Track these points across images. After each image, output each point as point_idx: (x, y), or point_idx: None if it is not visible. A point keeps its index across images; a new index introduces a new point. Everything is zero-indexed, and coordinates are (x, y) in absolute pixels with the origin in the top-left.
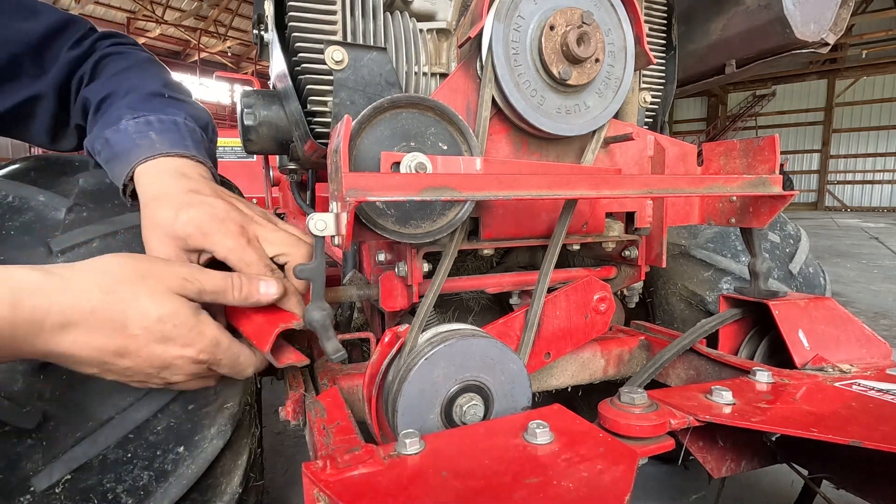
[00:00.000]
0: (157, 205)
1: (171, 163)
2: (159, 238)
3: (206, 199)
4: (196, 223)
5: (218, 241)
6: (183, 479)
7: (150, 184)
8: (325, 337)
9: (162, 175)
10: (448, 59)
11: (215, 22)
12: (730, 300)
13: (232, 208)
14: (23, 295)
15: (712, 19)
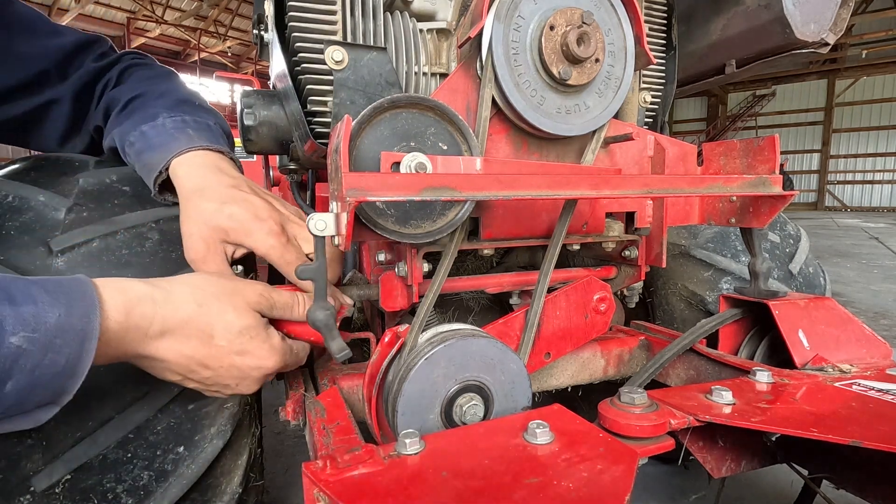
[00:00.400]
0: (201, 197)
1: (209, 157)
2: (200, 228)
3: (247, 197)
4: (239, 219)
5: (260, 238)
6: (183, 479)
7: (189, 175)
8: (329, 336)
9: (201, 168)
10: (448, 59)
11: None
12: (730, 300)
13: (271, 207)
14: (134, 303)
15: (712, 19)
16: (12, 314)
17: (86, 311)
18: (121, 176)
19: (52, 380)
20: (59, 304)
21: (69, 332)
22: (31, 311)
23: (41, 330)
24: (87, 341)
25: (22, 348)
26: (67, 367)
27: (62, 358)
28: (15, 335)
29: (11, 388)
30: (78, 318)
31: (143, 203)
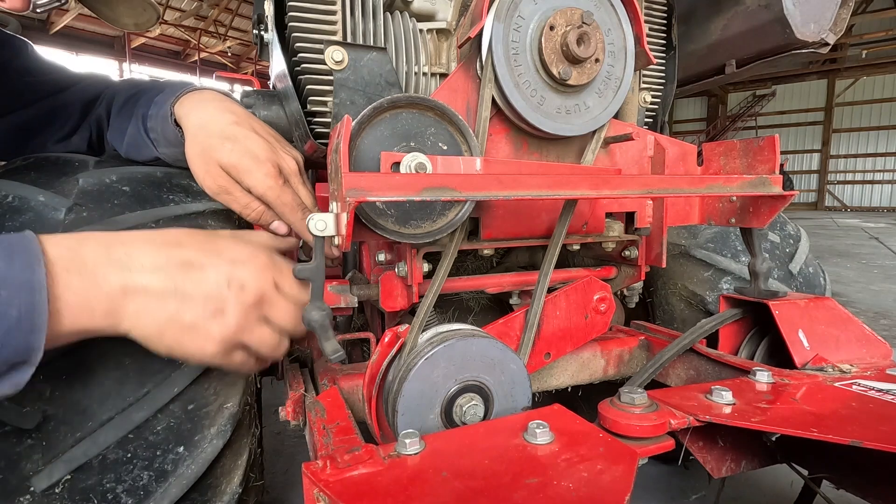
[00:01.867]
0: (204, 132)
1: (212, 93)
2: (207, 164)
3: (248, 134)
4: (238, 157)
5: (258, 179)
6: (183, 479)
7: (194, 109)
8: (323, 337)
9: (203, 101)
10: (448, 59)
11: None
12: (730, 300)
13: (270, 147)
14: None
15: (712, 19)
16: None
17: (28, 262)
18: (121, 176)
19: (9, 335)
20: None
21: (13, 285)
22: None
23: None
24: (36, 293)
25: None
26: (23, 320)
27: (13, 310)
28: None
29: None
30: (20, 270)
31: (143, 203)
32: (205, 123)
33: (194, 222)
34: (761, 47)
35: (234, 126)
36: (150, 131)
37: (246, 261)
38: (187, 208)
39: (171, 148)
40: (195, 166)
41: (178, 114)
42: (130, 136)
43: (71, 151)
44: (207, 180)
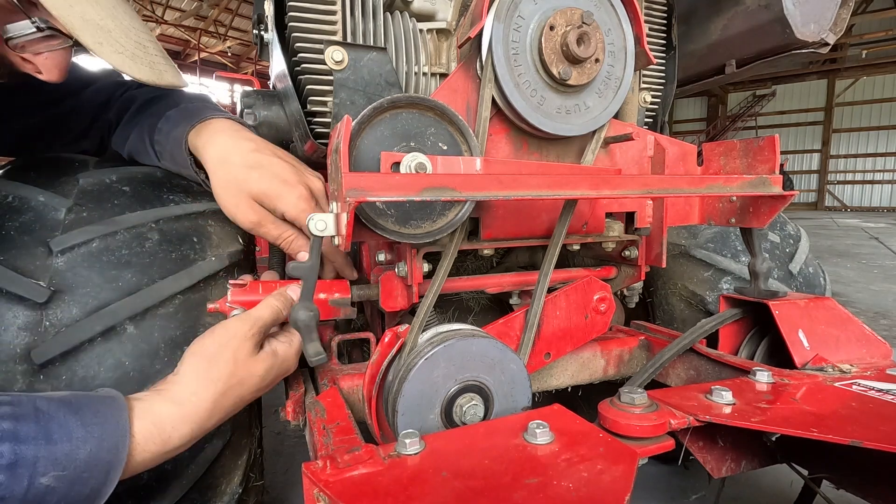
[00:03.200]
0: (227, 164)
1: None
2: (236, 196)
3: (271, 160)
4: (268, 184)
5: (291, 202)
6: (183, 480)
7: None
8: (307, 338)
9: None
10: (448, 59)
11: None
12: (730, 300)
13: (296, 170)
14: (169, 433)
15: (712, 19)
16: (46, 455)
17: (115, 443)
18: (121, 176)
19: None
20: (91, 437)
21: (97, 466)
22: (64, 450)
23: (71, 468)
24: (113, 471)
25: (51, 486)
26: (91, 494)
27: (87, 489)
28: (45, 475)
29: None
30: (107, 451)
31: (143, 203)
32: (226, 156)
33: (195, 222)
34: (761, 47)
35: (255, 153)
36: (156, 144)
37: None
38: (187, 208)
39: (175, 165)
40: (224, 200)
41: (194, 144)
42: (133, 143)
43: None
44: (239, 215)
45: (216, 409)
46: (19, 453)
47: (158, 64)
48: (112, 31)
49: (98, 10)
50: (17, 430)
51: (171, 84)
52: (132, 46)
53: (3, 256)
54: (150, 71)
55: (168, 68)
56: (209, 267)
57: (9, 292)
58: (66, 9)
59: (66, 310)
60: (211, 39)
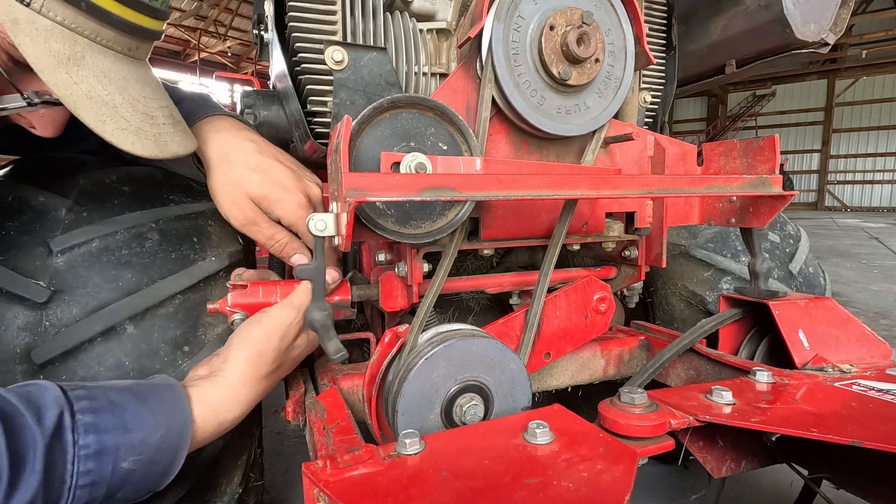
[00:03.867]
0: (228, 162)
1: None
2: (234, 195)
3: (273, 164)
4: (267, 188)
5: (289, 209)
6: (183, 480)
7: (214, 139)
8: (326, 337)
9: (223, 131)
10: (448, 59)
11: (215, 22)
12: (730, 300)
13: (296, 176)
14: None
15: (712, 19)
16: (125, 443)
17: (181, 428)
18: (121, 176)
19: (153, 483)
20: (160, 425)
21: (167, 450)
22: (140, 437)
23: (146, 452)
24: (180, 452)
25: (131, 469)
26: (164, 472)
27: (160, 468)
28: (126, 461)
29: (121, 496)
30: (175, 435)
31: (143, 203)
32: (227, 154)
33: (195, 222)
34: (761, 47)
35: (258, 155)
36: None
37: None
38: (188, 208)
39: (175, 163)
40: (221, 197)
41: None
42: None
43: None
44: (234, 211)
45: (262, 391)
46: (102, 443)
47: (165, 134)
48: (118, 107)
49: (106, 86)
50: (97, 423)
51: (175, 154)
52: (138, 120)
53: (3, 256)
54: (153, 145)
55: (175, 135)
56: (209, 267)
57: (9, 292)
58: (70, 87)
59: (66, 310)
60: (211, 39)
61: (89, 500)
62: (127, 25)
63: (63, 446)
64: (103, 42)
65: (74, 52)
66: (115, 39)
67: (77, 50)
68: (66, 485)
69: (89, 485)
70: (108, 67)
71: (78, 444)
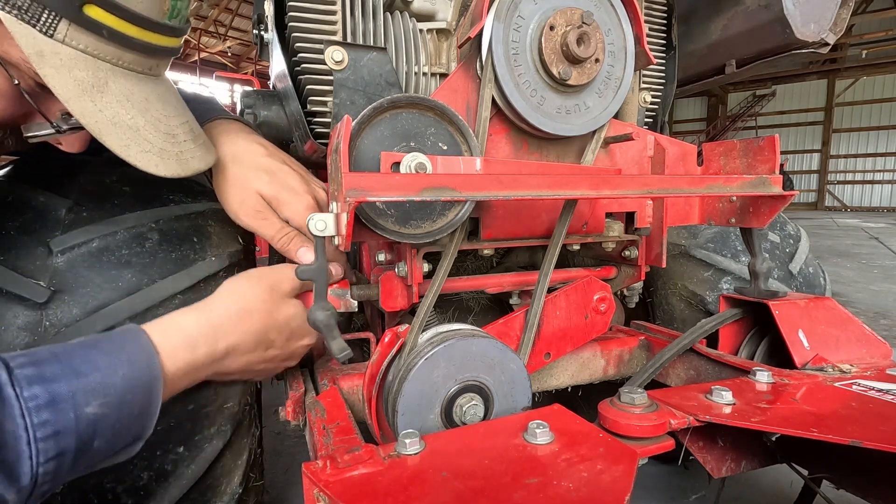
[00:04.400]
0: (237, 163)
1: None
2: (243, 193)
3: (281, 167)
4: (276, 190)
5: (297, 211)
6: (183, 480)
7: (223, 141)
8: (329, 336)
9: (231, 133)
10: (448, 59)
11: (215, 22)
12: (730, 300)
13: (303, 179)
14: (198, 344)
15: (712, 19)
16: (80, 387)
17: (147, 361)
18: (121, 176)
19: (131, 426)
20: (120, 363)
21: (137, 387)
22: (97, 380)
23: (112, 393)
24: (154, 386)
25: (99, 414)
26: (141, 413)
27: (135, 408)
28: (89, 405)
29: (98, 445)
30: (141, 371)
31: (143, 203)
32: (237, 156)
33: (195, 222)
34: (761, 47)
35: (267, 158)
36: None
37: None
38: (187, 208)
39: None
40: (229, 195)
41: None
42: None
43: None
44: (244, 208)
45: (243, 326)
46: (53, 391)
47: (186, 151)
48: (141, 129)
49: (129, 109)
50: (41, 373)
51: (196, 171)
52: (160, 140)
53: (3, 256)
54: (176, 164)
55: (196, 151)
56: (209, 267)
57: (9, 292)
58: (95, 115)
59: (66, 310)
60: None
61: (60, 451)
62: (147, 48)
63: (4, 401)
64: (125, 65)
65: (98, 78)
66: (136, 61)
67: (100, 76)
68: (22, 440)
69: (52, 435)
70: (131, 90)
71: (23, 397)
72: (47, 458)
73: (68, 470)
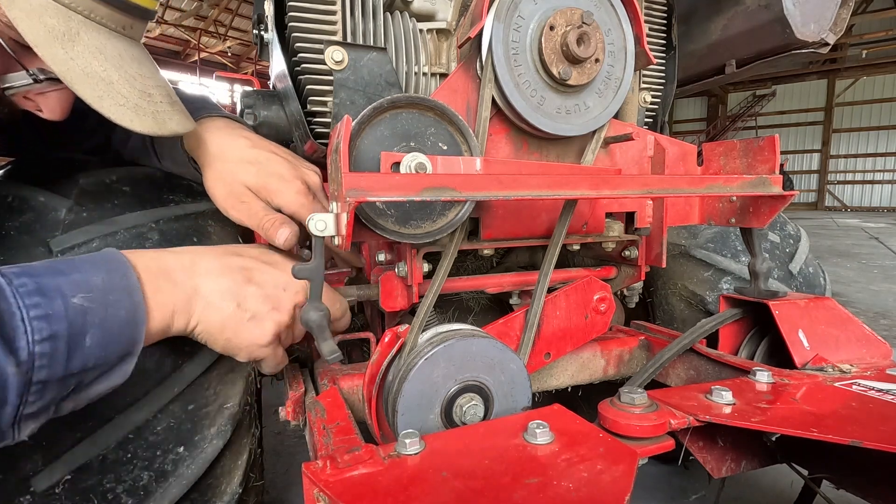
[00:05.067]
0: (223, 159)
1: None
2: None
3: (268, 156)
4: (264, 179)
5: (289, 198)
6: (183, 480)
7: (209, 139)
8: (321, 338)
9: (217, 131)
10: (448, 59)
11: (215, 22)
12: (730, 300)
13: (293, 165)
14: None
15: (712, 19)
16: (64, 281)
17: (122, 271)
18: (121, 176)
19: (121, 330)
20: (98, 269)
21: (117, 289)
22: (79, 277)
23: (94, 290)
24: (136, 294)
25: (84, 306)
26: (128, 317)
27: (121, 311)
28: (75, 296)
29: (91, 342)
30: (119, 278)
31: (143, 203)
32: (221, 153)
33: (195, 222)
34: (761, 47)
35: (252, 150)
36: (156, 144)
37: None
38: (188, 208)
39: (175, 166)
40: (216, 191)
41: (189, 143)
42: (135, 142)
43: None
44: (230, 199)
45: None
46: (39, 282)
47: (163, 112)
48: (115, 83)
49: (102, 63)
50: (26, 270)
51: (173, 132)
52: (136, 97)
53: (3, 256)
54: (152, 122)
55: (173, 114)
56: None
57: None
58: (67, 62)
59: None
60: (211, 39)
61: (52, 333)
62: (121, 2)
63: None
64: (97, 19)
65: (69, 27)
66: (109, 16)
67: (72, 26)
68: (16, 316)
69: (43, 317)
70: (103, 44)
71: (13, 283)
72: (42, 338)
73: (64, 363)
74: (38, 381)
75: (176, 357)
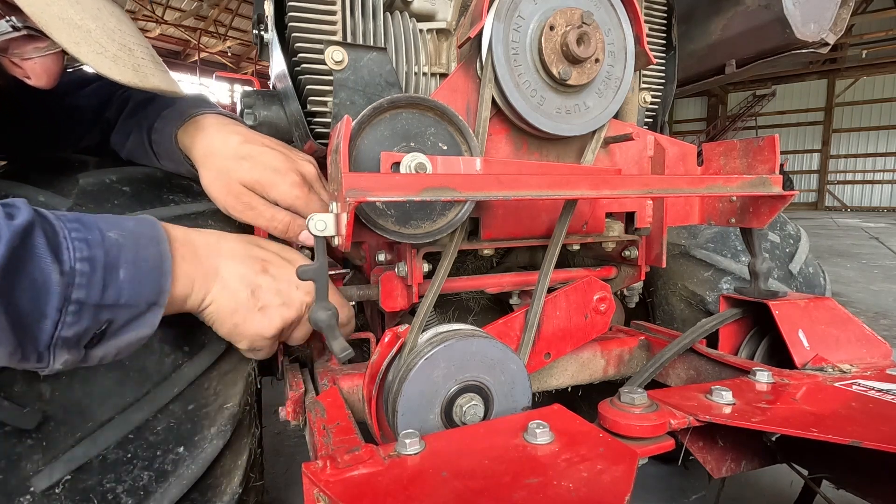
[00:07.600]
0: (215, 157)
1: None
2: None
3: (262, 150)
4: (258, 174)
5: (284, 191)
6: (183, 480)
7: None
8: (331, 336)
9: (209, 128)
10: (448, 59)
11: (215, 22)
12: (730, 300)
13: (287, 157)
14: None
15: (712, 19)
16: (99, 218)
17: (151, 222)
18: (121, 176)
19: (150, 274)
20: (128, 219)
21: (146, 236)
22: (110, 219)
23: (126, 230)
24: (161, 243)
25: (119, 242)
26: (157, 264)
27: (150, 252)
28: (111, 231)
29: (124, 277)
30: (148, 227)
31: (142, 203)
32: (213, 150)
33: (195, 223)
34: (761, 47)
35: (244, 145)
36: (154, 144)
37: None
38: (188, 208)
39: (173, 165)
40: (214, 190)
41: (183, 142)
42: (134, 142)
43: (79, 152)
44: (230, 199)
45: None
46: (78, 216)
47: (144, 66)
48: (92, 32)
49: (78, 11)
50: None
51: (156, 87)
52: (115, 48)
53: None
54: (133, 73)
55: (156, 71)
56: None
57: None
58: (42, 7)
59: None
60: (211, 39)
61: (91, 255)
62: None
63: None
64: None
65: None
66: None
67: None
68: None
69: (83, 240)
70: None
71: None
72: (82, 257)
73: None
74: (77, 299)
75: (176, 357)
